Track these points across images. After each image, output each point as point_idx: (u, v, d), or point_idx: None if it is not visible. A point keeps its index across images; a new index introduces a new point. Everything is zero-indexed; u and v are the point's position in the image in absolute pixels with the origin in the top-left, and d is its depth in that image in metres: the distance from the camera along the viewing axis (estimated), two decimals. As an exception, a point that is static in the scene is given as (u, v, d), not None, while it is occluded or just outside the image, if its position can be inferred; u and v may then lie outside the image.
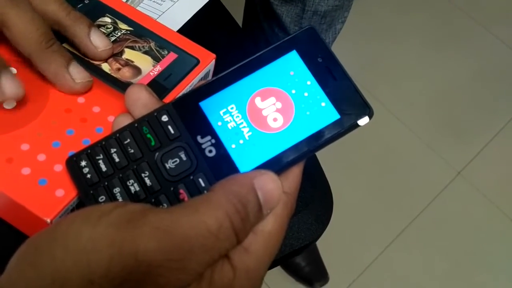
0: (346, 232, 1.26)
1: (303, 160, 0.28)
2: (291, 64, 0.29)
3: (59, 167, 0.30)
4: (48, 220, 0.29)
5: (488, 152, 1.45)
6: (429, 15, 1.67)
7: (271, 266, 0.39)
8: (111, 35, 0.37)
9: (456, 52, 1.61)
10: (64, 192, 0.29)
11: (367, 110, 0.28)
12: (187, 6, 0.45)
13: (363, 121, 0.28)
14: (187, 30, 0.43)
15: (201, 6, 0.45)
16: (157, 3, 0.44)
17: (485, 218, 1.35)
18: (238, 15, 0.63)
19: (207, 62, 0.38)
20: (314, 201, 0.40)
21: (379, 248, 1.28)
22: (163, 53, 0.37)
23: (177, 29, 0.43)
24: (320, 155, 0.44)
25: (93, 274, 0.19)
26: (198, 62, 0.37)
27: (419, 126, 1.47)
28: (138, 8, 0.43)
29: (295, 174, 0.27)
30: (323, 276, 1.21)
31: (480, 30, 1.67)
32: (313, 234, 0.39)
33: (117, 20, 0.38)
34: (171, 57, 0.37)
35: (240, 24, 0.86)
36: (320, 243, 0.41)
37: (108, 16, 0.38)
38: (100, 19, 0.38)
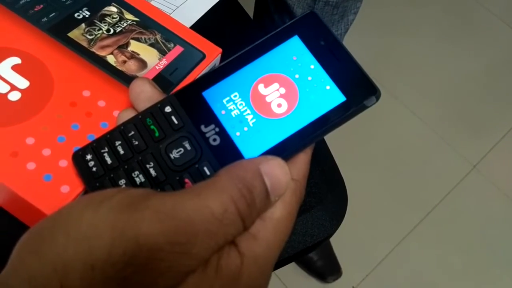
0: (359, 226, 1.25)
1: (311, 146, 0.27)
2: (294, 49, 0.29)
3: (64, 163, 0.30)
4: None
5: (504, 146, 1.42)
6: (443, 6, 1.64)
7: (284, 263, 0.38)
8: (116, 25, 0.36)
9: (471, 44, 1.58)
10: (69, 189, 0.29)
11: (373, 91, 0.27)
12: (201, 1, 0.44)
13: (370, 101, 0.27)
14: (198, 22, 0.42)
15: (216, 1, 0.43)
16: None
17: (501, 212, 1.33)
18: (249, 7, 0.62)
19: (213, 56, 0.37)
20: (328, 197, 0.39)
21: (393, 243, 1.27)
22: (169, 46, 0.36)
23: (192, 23, 0.42)
24: (333, 149, 0.43)
25: (95, 260, 0.19)
26: (204, 56, 0.36)
27: (434, 120, 1.44)
28: (152, 2, 0.42)
29: (303, 160, 0.27)
30: (336, 270, 1.21)
31: (496, 21, 1.64)
32: (327, 231, 0.38)
33: (123, 10, 0.37)
34: (177, 50, 0.36)
35: (251, 16, 0.85)
36: (333, 237, 0.41)
37: (114, 5, 0.37)
38: (106, 8, 0.37)
